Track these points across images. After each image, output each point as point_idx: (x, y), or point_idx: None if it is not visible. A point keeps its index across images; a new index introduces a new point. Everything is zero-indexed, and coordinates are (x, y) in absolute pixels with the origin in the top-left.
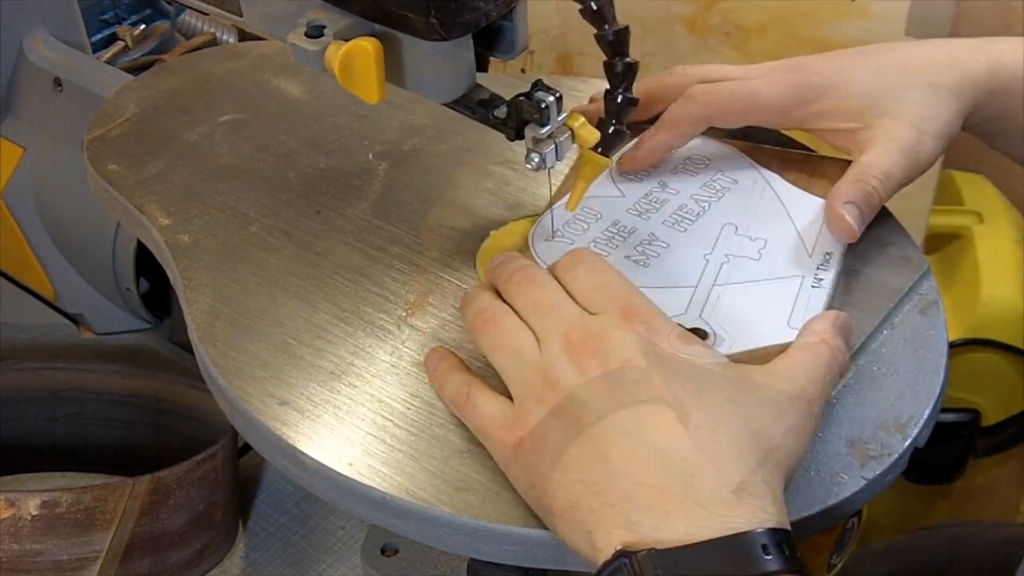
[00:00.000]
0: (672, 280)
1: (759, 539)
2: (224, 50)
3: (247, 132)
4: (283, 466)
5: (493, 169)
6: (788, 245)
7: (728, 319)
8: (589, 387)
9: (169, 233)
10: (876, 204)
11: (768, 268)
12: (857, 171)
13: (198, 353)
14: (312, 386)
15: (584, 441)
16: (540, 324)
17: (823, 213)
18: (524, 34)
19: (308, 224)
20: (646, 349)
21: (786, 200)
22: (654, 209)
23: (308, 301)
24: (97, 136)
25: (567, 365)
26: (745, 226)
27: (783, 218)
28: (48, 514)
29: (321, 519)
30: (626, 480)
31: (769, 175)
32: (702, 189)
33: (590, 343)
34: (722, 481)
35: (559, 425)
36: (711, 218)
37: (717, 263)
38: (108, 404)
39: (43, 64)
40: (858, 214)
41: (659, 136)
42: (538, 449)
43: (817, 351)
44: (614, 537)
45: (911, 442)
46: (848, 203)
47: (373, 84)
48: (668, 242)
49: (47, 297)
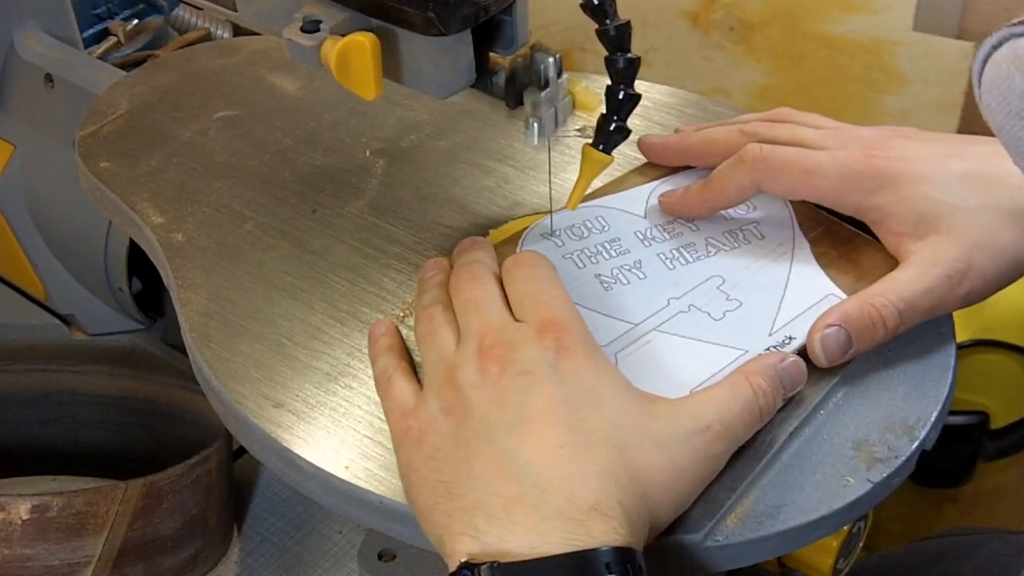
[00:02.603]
0: (618, 311)
1: (602, 557)
2: (218, 46)
3: (242, 129)
4: (278, 469)
5: (492, 166)
6: (757, 316)
7: (637, 364)
8: (481, 392)
9: (162, 232)
10: (878, 336)
11: (718, 332)
12: (876, 289)
13: (192, 354)
14: (308, 388)
15: (458, 444)
16: (465, 322)
17: (820, 296)
18: (524, 29)
19: (304, 223)
20: (547, 365)
21: (795, 272)
22: (662, 238)
23: (304, 301)
24: (89, 133)
25: (471, 367)
26: (733, 284)
27: (776, 289)
28: (39, 518)
29: (317, 523)
30: (482, 488)
31: (801, 241)
32: (724, 235)
33: (498, 349)
34: (572, 500)
35: (445, 424)
36: (706, 264)
37: (676, 309)
38: (100, 406)
39: (34, 60)
40: (839, 343)
41: (703, 195)
42: (419, 442)
43: (737, 391)
44: (460, 544)
45: (918, 445)
46: (833, 326)
47: (370, 80)
48: (647, 274)
49: (38, 297)
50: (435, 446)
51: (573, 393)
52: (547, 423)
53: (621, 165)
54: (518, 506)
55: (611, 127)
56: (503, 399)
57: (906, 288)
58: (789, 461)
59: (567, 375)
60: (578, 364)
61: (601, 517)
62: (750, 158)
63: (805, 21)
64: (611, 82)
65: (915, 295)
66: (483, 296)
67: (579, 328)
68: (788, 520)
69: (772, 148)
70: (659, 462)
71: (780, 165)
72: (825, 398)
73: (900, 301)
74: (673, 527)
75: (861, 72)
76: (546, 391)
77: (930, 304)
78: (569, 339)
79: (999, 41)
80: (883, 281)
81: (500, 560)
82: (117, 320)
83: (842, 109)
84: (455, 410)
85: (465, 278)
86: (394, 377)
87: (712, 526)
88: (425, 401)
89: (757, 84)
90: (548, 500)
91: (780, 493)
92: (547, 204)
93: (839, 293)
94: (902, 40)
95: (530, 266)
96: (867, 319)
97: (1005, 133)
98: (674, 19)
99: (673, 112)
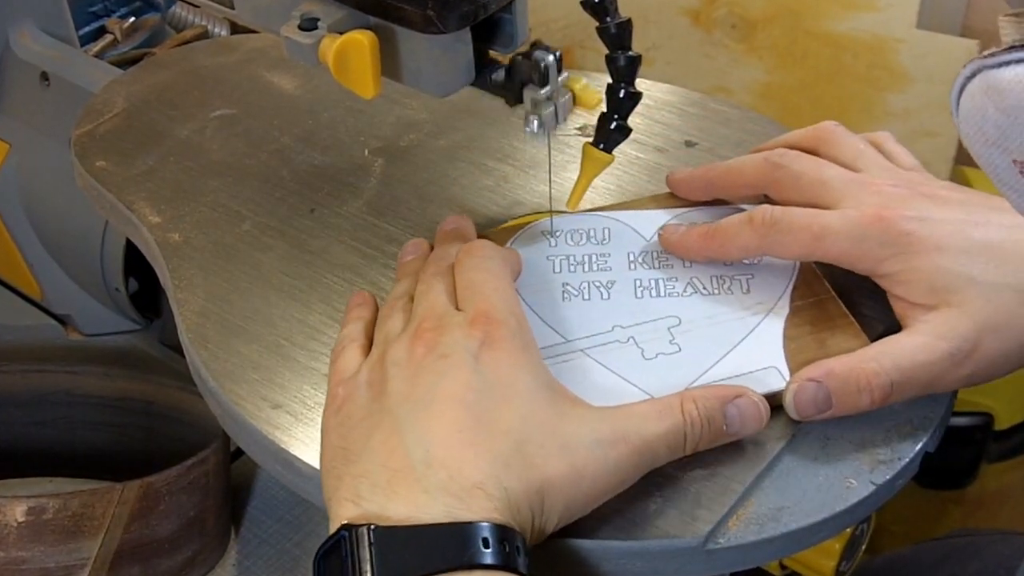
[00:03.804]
0: (559, 323)
1: (480, 531)
2: (216, 43)
3: (239, 128)
4: (276, 471)
5: (492, 165)
6: (688, 365)
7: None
8: (401, 369)
9: (159, 232)
10: (862, 404)
11: (640, 372)
12: (872, 352)
13: (188, 355)
14: (306, 389)
15: (367, 415)
16: (415, 307)
17: (762, 365)
18: (524, 27)
19: (302, 222)
20: (469, 353)
21: (755, 336)
22: (649, 266)
23: (302, 301)
24: (85, 132)
25: (403, 346)
26: (685, 329)
27: (723, 346)
28: (34, 520)
29: (316, 525)
30: (374, 459)
31: (783, 306)
32: (711, 279)
33: (430, 334)
34: (456, 478)
35: (363, 396)
36: (672, 303)
37: (613, 338)
38: (96, 407)
39: (29, 58)
40: (815, 400)
41: (704, 244)
42: (339, 409)
43: (667, 411)
44: (343, 508)
45: (922, 446)
46: (813, 381)
47: (369, 78)
48: (611, 295)
49: (33, 297)
50: (348, 414)
51: (487, 384)
52: (451, 407)
53: (622, 164)
54: (401, 478)
55: (612, 126)
56: (417, 379)
57: (905, 357)
58: (791, 463)
59: (486, 366)
60: (499, 357)
61: (484, 496)
62: (759, 221)
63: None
64: (612, 80)
65: (913, 367)
66: (436, 284)
67: (512, 323)
68: (790, 523)
69: (783, 212)
70: (560, 464)
71: (789, 231)
72: None
73: (895, 370)
74: (673, 530)
75: (864, 70)
76: (460, 377)
77: (927, 379)
78: (498, 333)
79: (972, 72)
80: (881, 344)
81: (379, 524)
82: (113, 320)
83: (845, 108)
84: (375, 384)
85: (430, 265)
86: (347, 348)
87: (714, 529)
88: (357, 373)
89: (759, 82)
90: (431, 475)
91: (782, 495)
92: (547, 203)
93: (783, 370)
94: (906, 38)
95: (479, 256)
96: (852, 383)
97: (983, 161)
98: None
99: (674, 111)
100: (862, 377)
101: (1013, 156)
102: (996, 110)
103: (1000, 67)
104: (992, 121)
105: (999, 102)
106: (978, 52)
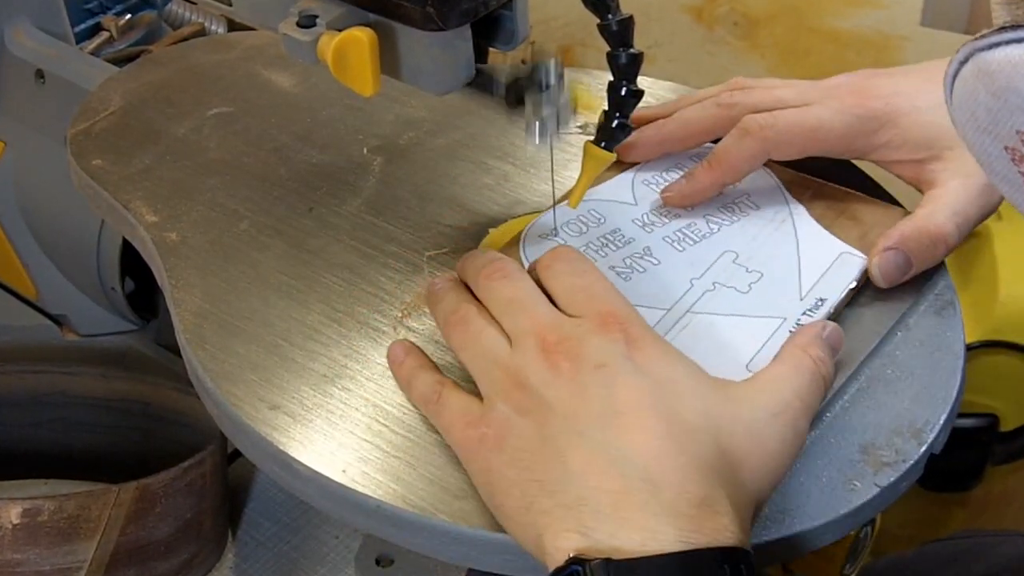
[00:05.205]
0: (647, 299)
1: (716, 557)
2: (213, 41)
3: (237, 126)
4: (274, 473)
5: (492, 164)
6: (783, 283)
7: (683, 348)
8: (558, 389)
9: (156, 231)
10: (939, 253)
11: (752, 304)
12: (926, 211)
13: (186, 355)
14: (304, 389)
15: (545, 442)
16: (512, 323)
17: (834, 256)
18: (525, 24)
19: (300, 221)
20: (622, 357)
21: (802, 236)
22: (661, 222)
23: (300, 301)
24: (81, 130)
25: (539, 365)
26: (747, 256)
27: (790, 254)
28: (30, 523)
29: (314, 528)
30: (583, 484)
31: (796, 207)
32: (719, 210)
33: (565, 345)
34: (683, 495)
35: (524, 424)
36: (715, 241)
37: (701, 289)
38: (92, 408)
39: (25, 55)
40: (897, 265)
41: (713, 175)
42: (500, 447)
43: (800, 364)
44: (565, 541)
45: (926, 448)
46: (891, 250)
47: (368, 76)
48: (660, 259)
49: (29, 297)
50: (518, 447)
51: (655, 384)
52: (639, 416)
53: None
54: (627, 502)
55: (613, 124)
56: (585, 393)
57: (957, 201)
58: (795, 466)
59: (644, 366)
60: (650, 355)
61: (711, 513)
62: (755, 128)
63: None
64: (613, 78)
65: (966, 206)
66: (524, 294)
67: (639, 320)
68: (794, 525)
69: (772, 115)
70: (750, 447)
71: (786, 129)
72: (831, 401)
73: (955, 215)
74: None
75: (868, 68)
76: (630, 383)
77: (977, 212)
78: (634, 331)
79: (965, 57)
80: (928, 203)
81: (612, 556)
82: (110, 321)
83: None
84: (532, 410)
85: (496, 277)
86: (444, 392)
87: None
88: (493, 407)
89: None
90: (658, 495)
91: (786, 498)
92: (547, 202)
93: (853, 251)
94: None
95: (571, 260)
96: (926, 238)
97: (976, 149)
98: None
99: None
100: (933, 231)
101: (1004, 142)
102: (987, 93)
103: (991, 48)
104: (983, 105)
105: (989, 85)
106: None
